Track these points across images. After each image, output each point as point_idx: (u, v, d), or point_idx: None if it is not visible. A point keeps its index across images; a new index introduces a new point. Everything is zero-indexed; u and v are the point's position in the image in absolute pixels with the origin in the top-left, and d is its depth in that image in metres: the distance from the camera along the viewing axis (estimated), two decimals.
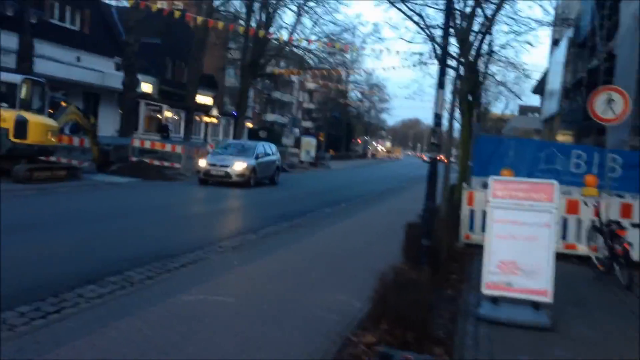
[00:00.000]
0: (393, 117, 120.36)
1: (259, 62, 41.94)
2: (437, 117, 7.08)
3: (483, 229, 11.23)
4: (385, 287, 5.75)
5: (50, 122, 18.29)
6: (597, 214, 9.66)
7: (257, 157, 22.27)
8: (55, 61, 27.73)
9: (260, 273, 8.14)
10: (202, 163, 21.44)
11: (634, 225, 9.49)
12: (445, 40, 8.79)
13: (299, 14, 44.27)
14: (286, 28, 43.95)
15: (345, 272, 8.65)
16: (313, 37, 44.23)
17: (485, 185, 11.77)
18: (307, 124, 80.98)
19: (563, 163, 11.30)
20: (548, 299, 6.52)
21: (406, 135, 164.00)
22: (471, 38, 17.84)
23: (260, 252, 9.69)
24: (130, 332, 5.25)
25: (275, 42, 44.62)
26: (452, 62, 20.60)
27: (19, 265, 7.51)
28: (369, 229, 13.54)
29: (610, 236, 8.94)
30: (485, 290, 6.74)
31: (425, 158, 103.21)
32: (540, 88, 46.47)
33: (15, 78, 17.36)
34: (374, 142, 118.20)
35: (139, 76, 30.78)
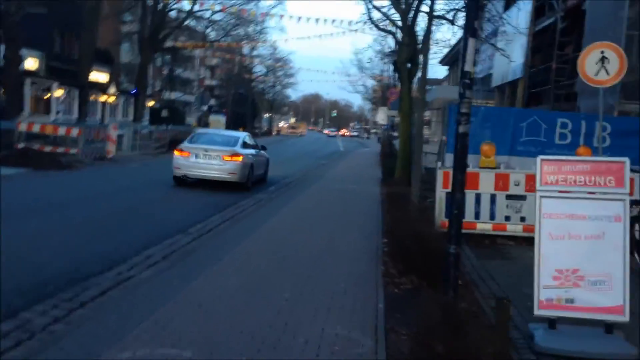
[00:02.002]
0: (297, 92, 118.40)
1: (159, 35, 38.57)
2: (466, 76, 5.16)
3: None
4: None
5: None
6: None
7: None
8: None
9: (212, 294, 5.98)
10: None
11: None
12: None
13: None
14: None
15: (324, 282, 6.64)
16: (217, 8, 41.34)
17: None
18: (211, 102, 77.37)
19: (547, 134, 9.83)
20: (625, 317, 4.84)
21: (308, 110, 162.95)
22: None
23: (199, 261, 7.49)
24: None
25: (176, 12, 41.34)
26: (391, 28, 18.92)
27: None
28: (319, 218, 11.55)
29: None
30: (539, 311, 4.97)
31: (330, 133, 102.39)
32: (452, 59, 45.97)
33: None
34: (278, 119, 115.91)
35: (23, 50, 26.84)
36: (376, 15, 17.80)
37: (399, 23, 16.57)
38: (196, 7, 40.14)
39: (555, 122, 9.72)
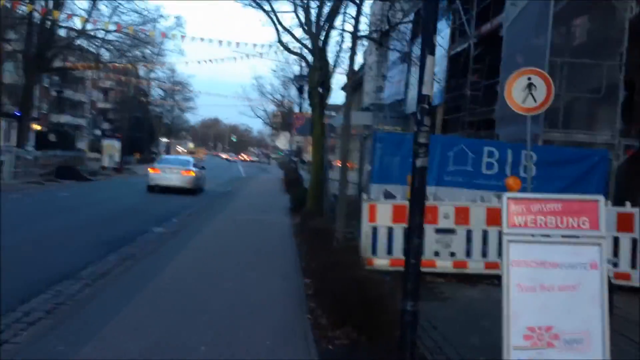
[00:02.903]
0: (196, 116, 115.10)
1: (46, 54, 35.96)
2: (424, 100, 4.40)
3: (389, 250, 8.89)
4: None
5: None
6: None
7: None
8: None
9: None
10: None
11: None
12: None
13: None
14: (79, 15, 38.31)
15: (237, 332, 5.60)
16: (112, 27, 39.24)
17: (388, 195, 9.42)
18: (104, 125, 73.71)
19: (474, 163, 9.36)
20: None
21: (207, 135, 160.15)
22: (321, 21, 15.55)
23: (96, 317, 6.23)
24: None
25: (67, 31, 38.77)
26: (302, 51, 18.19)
27: None
28: (229, 256, 10.43)
29: None
30: None
31: (230, 158, 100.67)
32: (353, 86, 46.35)
33: None
34: (176, 143, 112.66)
35: None
36: (286, 37, 17.06)
37: (311, 45, 15.90)
38: (89, 26, 37.87)
39: (482, 151, 9.29)
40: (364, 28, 9.94)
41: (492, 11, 14.35)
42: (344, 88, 52.86)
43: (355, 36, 8.36)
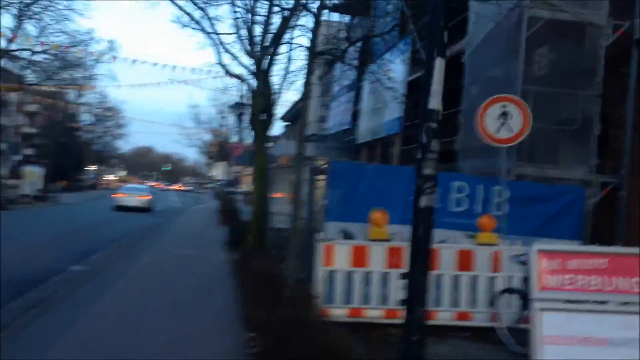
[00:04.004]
0: (128, 143, 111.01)
1: None
2: (431, 117, 3.31)
3: (348, 300, 7.70)
4: None
5: None
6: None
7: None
8: None
9: None
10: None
11: None
12: None
13: (20, 17, 36.69)
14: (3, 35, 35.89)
15: None
16: (38, 48, 36.97)
17: (348, 236, 8.24)
18: (28, 151, 69.83)
19: (442, 199, 8.34)
20: None
21: (140, 163, 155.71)
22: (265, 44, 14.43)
23: None
24: None
25: None
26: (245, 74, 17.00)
27: None
28: (157, 303, 8.93)
29: None
30: None
31: (164, 187, 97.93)
32: (293, 115, 45.36)
33: None
34: (106, 171, 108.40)
35: None
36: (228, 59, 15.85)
37: (254, 68, 14.73)
38: (14, 46, 35.48)
39: (449, 186, 8.30)
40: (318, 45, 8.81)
41: (447, 38, 13.62)
42: (283, 118, 51.99)
43: (313, 51, 7.27)
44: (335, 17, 20.54)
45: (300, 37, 20.95)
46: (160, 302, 9.01)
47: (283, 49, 13.97)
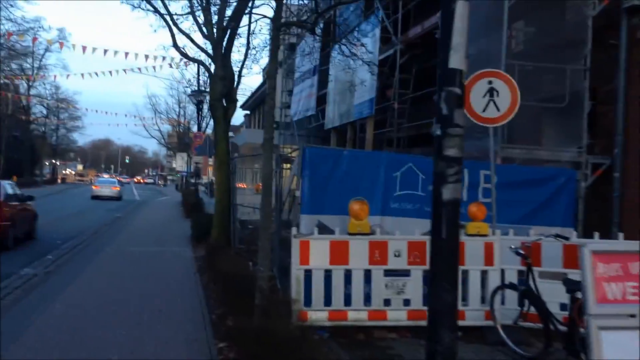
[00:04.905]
0: (85, 136, 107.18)
1: None
2: (453, 79, 2.55)
3: (328, 301, 6.95)
4: None
5: None
6: (527, 263, 6.17)
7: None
8: None
9: None
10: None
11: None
12: None
13: None
14: None
15: None
16: None
17: (324, 229, 7.47)
18: None
19: (425, 185, 7.62)
20: None
21: (98, 156, 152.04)
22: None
23: None
24: None
25: None
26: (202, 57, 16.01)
27: None
28: (116, 308, 8.02)
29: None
30: None
31: (123, 180, 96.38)
32: (254, 103, 44.29)
33: None
34: (63, 165, 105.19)
35: None
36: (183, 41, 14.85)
37: (212, 51, 13.83)
38: None
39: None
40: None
41: (413, 14, 12.91)
42: (243, 106, 50.74)
43: (278, 22, 6.42)
44: None
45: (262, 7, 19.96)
46: (117, 306, 8.11)
47: (243, 22, 13.09)
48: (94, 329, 6.97)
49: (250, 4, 11.80)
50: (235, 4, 12.59)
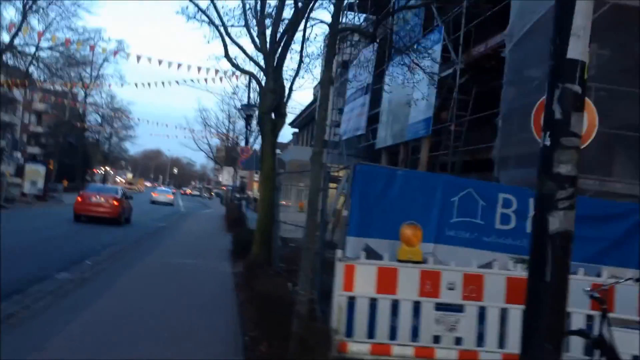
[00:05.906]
0: (137, 146, 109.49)
1: None
2: (572, 72, 1.99)
3: (371, 333, 6.36)
4: None
5: None
6: (603, 308, 5.45)
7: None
8: None
9: None
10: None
11: None
12: None
13: (24, 13, 35.86)
14: (6, 29, 34.98)
15: None
16: (45, 44, 36.11)
17: (371, 253, 6.91)
18: (34, 149, 69.00)
19: (486, 214, 6.98)
20: None
21: (148, 166, 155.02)
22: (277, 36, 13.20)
23: None
24: None
25: None
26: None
27: None
28: (149, 321, 7.62)
29: None
30: None
31: (175, 190, 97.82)
32: (304, 121, 44.13)
33: None
34: (113, 173, 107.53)
35: None
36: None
37: (264, 64, 13.53)
38: (18, 40, 34.61)
39: (495, 199, 6.92)
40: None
41: (474, 33, 12.25)
42: (291, 124, 50.67)
43: (334, 27, 5.97)
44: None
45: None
46: (151, 320, 7.73)
47: (297, 34, 12.75)
48: (122, 339, 6.58)
49: (308, 9, 11.42)
50: (292, 12, 12.23)
